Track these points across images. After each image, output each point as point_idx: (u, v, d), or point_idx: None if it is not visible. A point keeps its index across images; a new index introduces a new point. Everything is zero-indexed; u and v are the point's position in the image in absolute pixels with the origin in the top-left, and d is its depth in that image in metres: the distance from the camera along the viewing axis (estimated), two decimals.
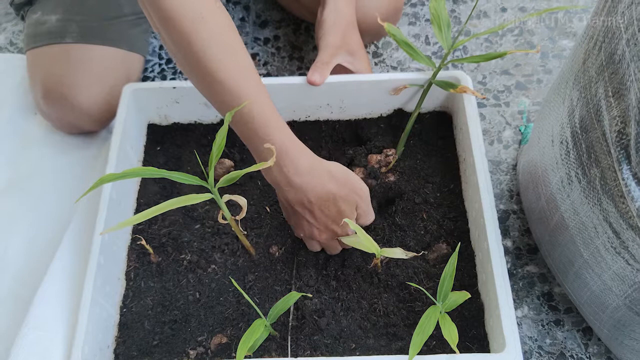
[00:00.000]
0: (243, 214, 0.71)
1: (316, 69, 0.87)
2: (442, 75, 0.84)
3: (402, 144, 0.87)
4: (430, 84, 0.83)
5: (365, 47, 1.08)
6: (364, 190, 0.74)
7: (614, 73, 0.57)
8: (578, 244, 0.69)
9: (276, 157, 0.66)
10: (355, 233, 0.72)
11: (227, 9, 1.15)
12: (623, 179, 0.55)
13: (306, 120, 0.93)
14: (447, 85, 0.82)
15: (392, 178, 0.85)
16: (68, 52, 0.92)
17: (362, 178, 0.82)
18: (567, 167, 0.67)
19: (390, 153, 0.86)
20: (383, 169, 0.85)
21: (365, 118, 0.93)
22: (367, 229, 0.79)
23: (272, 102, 0.69)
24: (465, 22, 0.82)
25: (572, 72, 0.67)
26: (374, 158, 0.86)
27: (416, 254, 0.76)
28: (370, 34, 0.99)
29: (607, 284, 0.66)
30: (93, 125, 0.96)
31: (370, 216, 0.77)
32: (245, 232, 0.81)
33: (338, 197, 0.71)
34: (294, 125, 0.91)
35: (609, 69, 0.58)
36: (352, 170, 0.84)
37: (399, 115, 0.92)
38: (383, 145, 0.88)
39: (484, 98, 0.97)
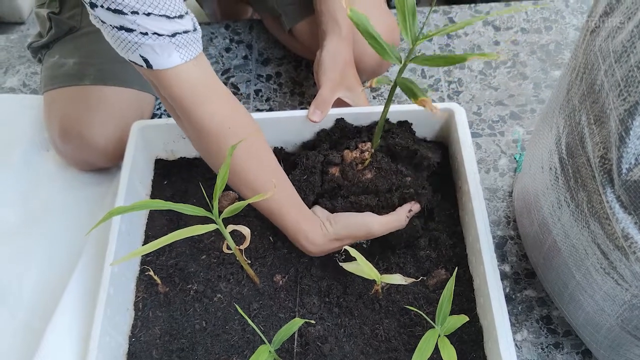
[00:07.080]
0: (247, 244, 0.74)
1: (317, 106, 0.90)
2: (438, 106, 0.84)
3: (377, 138, 0.83)
4: (396, 83, 0.75)
5: (363, 83, 1.12)
6: (372, 229, 0.81)
7: (594, 102, 0.60)
8: (570, 267, 0.71)
9: (292, 239, 0.83)
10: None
11: (231, 48, 1.21)
12: (607, 202, 0.58)
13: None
14: (407, 88, 0.73)
15: (369, 175, 0.84)
16: (85, 93, 0.96)
17: (337, 174, 0.85)
18: (557, 192, 0.69)
19: (365, 148, 0.85)
20: (359, 167, 0.84)
21: None
22: (368, 256, 0.82)
23: (293, 188, 0.82)
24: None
25: (558, 102, 0.70)
26: (349, 154, 0.86)
27: (415, 280, 0.79)
28: (368, 73, 1.03)
29: (600, 305, 0.68)
30: (107, 162, 0.99)
31: (393, 227, 0.82)
32: (250, 262, 0.84)
33: (351, 242, 0.83)
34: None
35: (590, 98, 0.61)
36: (330, 169, 0.86)
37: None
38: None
39: (436, 111, 0.85)
